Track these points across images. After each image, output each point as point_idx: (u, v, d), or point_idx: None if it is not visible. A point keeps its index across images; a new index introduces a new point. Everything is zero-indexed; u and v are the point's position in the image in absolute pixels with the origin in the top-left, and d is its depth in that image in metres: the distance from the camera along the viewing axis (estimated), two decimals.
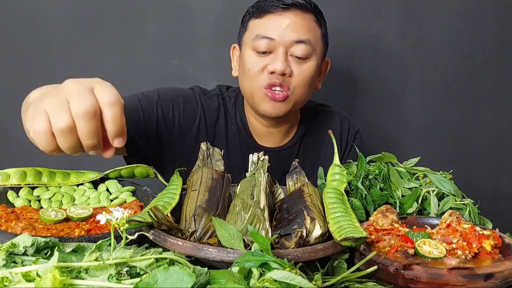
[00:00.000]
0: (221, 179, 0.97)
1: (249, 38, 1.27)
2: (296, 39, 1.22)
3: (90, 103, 0.69)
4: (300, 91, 1.26)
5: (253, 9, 1.30)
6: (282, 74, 1.22)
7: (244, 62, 1.27)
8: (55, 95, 0.69)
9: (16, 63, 1.80)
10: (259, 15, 1.26)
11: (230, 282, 0.64)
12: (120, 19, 1.80)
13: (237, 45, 1.37)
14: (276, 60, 1.22)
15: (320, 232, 0.81)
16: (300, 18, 1.24)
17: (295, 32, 1.22)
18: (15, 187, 1.06)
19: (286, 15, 1.23)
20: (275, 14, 1.23)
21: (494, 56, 1.93)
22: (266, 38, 1.22)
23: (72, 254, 0.74)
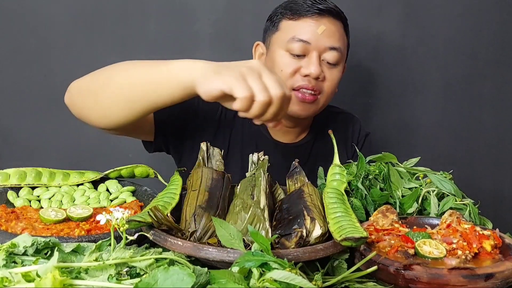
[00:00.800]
0: (221, 179, 0.97)
1: (282, 38, 1.29)
2: (330, 46, 1.27)
3: (282, 92, 0.86)
4: (328, 95, 1.32)
5: (285, 10, 1.31)
6: (316, 78, 1.26)
7: (275, 62, 1.29)
8: (252, 72, 0.86)
9: (16, 63, 1.80)
10: (294, 17, 1.28)
11: (230, 282, 0.64)
12: (120, 19, 1.80)
13: (261, 42, 1.39)
14: (311, 64, 1.25)
15: (320, 232, 0.81)
16: (333, 26, 1.29)
17: (329, 39, 1.27)
18: (15, 187, 1.06)
19: (322, 21, 1.27)
20: (311, 18, 1.27)
21: (495, 56, 1.92)
22: (302, 41, 1.25)
23: (72, 254, 0.74)
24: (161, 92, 0.96)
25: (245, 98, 0.83)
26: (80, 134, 1.85)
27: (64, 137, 1.85)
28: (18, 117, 1.84)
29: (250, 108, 0.85)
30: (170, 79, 0.94)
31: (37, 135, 1.84)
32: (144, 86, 0.98)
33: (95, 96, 1.04)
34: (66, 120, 1.84)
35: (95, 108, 1.05)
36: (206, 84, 0.87)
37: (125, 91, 1.00)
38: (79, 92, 1.09)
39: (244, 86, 0.84)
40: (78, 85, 1.10)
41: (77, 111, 1.11)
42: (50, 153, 1.85)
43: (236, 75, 0.85)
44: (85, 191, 1.09)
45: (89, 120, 1.09)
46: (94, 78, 1.06)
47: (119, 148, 1.86)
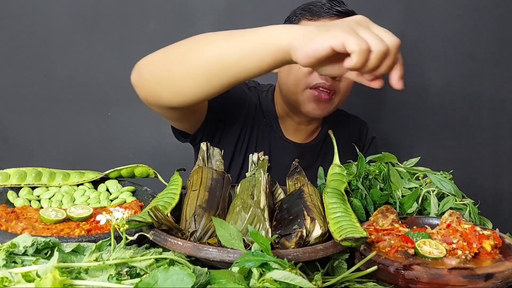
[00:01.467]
0: (221, 179, 0.97)
1: None
2: None
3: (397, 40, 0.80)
4: (343, 95, 1.34)
5: (304, 11, 1.33)
6: (333, 77, 1.28)
7: None
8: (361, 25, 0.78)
9: (16, 63, 1.80)
10: (313, 17, 1.30)
11: (230, 282, 0.64)
12: (120, 19, 1.80)
13: None
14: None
15: (320, 232, 0.81)
16: None
17: None
18: (15, 187, 1.06)
19: None
20: (329, 19, 1.28)
21: (494, 56, 1.93)
22: None
23: (72, 254, 0.74)
24: (247, 62, 0.87)
25: (362, 51, 0.74)
26: (80, 134, 1.85)
27: (64, 137, 1.85)
28: (18, 117, 1.84)
29: (366, 62, 0.76)
30: (260, 46, 0.84)
31: (37, 135, 1.85)
32: (228, 56, 0.88)
33: (171, 72, 0.97)
34: (66, 120, 1.85)
35: (169, 84, 0.98)
36: (311, 44, 0.76)
37: (205, 64, 0.92)
38: (150, 69, 1.02)
39: (358, 37, 0.75)
40: (150, 61, 1.03)
41: (146, 90, 1.05)
42: (50, 153, 1.85)
43: (346, 29, 0.76)
44: (85, 191, 1.09)
45: (160, 98, 1.02)
46: (168, 52, 0.99)
47: (119, 148, 1.86)
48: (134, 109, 1.85)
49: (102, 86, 1.83)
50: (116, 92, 1.84)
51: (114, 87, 1.84)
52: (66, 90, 1.83)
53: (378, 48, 0.76)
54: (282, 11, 1.74)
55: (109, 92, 1.83)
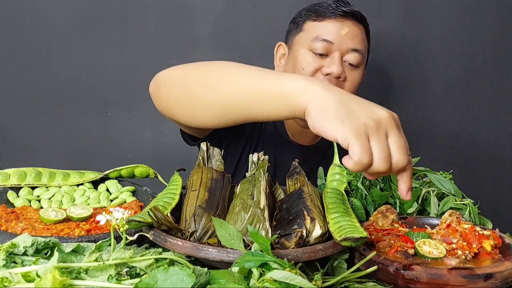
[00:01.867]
0: (221, 179, 0.97)
1: (306, 38, 1.32)
2: (352, 47, 1.30)
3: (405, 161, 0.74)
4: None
5: (309, 12, 1.34)
6: (337, 77, 1.28)
7: (298, 60, 1.32)
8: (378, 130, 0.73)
9: (16, 63, 1.81)
10: (318, 18, 1.32)
11: (230, 282, 0.64)
12: (120, 19, 1.80)
13: (283, 43, 1.42)
14: (333, 63, 1.28)
15: (320, 232, 0.81)
16: (357, 28, 1.32)
17: (352, 41, 1.30)
18: (15, 187, 1.06)
19: (345, 23, 1.30)
20: (335, 20, 1.30)
21: (494, 56, 1.93)
22: (326, 41, 1.28)
23: (72, 254, 0.74)
24: (263, 108, 0.85)
25: (361, 164, 0.70)
26: (80, 134, 1.85)
27: (64, 137, 1.85)
28: (18, 118, 1.84)
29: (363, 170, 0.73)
30: (279, 98, 0.82)
31: (37, 135, 1.85)
32: (248, 96, 0.87)
33: (188, 96, 0.96)
34: (66, 120, 1.85)
35: (184, 107, 0.98)
36: (321, 124, 0.74)
37: (224, 97, 0.90)
38: (169, 86, 1.01)
39: (364, 147, 0.70)
40: (168, 78, 1.02)
41: (161, 104, 1.04)
42: (50, 153, 1.85)
43: (360, 128, 0.72)
44: (85, 191, 1.09)
45: (172, 115, 1.03)
46: (188, 76, 0.98)
47: (119, 148, 1.86)
48: (134, 109, 1.85)
49: (102, 86, 1.84)
50: (116, 92, 1.84)
51: (114, 87, 1.84)
52: (66, 90, 1.83)
53: (378, 166, 0.72)
54: (282, 11, 1.74)
55: (109, 92, 1.83)
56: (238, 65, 0.94)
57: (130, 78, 1.83)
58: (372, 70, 1.89)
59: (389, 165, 0.72)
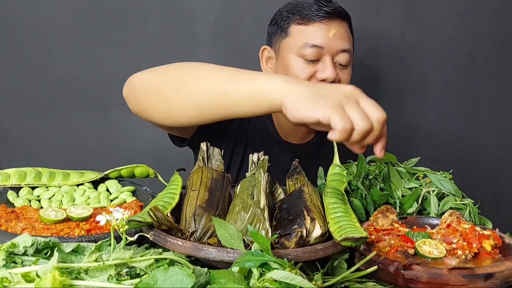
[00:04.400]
0: (221, 179, 0.97)
1: (294, 44, 1.30)
2: (341, 48, 1.29)
3: (383, 116, 0.82)
4: None
5: (292, 15, 1.31)
6: (332, 81, 1.28)
7: (290, 68, 1.30)
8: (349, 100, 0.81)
9: (16, 63, 1.80)
10: (303, 21, 1.29)
11: (230, 282, 0.64)
12: (119, 19, 1.80)
13: (268, 47, 1.39)
14: (326, 68, 1.27)
15: (320, 232, 0.81)
16: (342, 28, 1.31)
17: (340, 41, 1.29)
18: (15, 187, 1.06)
19: (332, 24, 1.28)
20: (320, 22, 1.28)
21: (494, 56, 1.92)
22: (316, 46, 1.27)
23: (72, 254, 0.74)
24: (240, 107, 0.91)
25: (345, 130, 0.78)
26: (80, 134, 1.85)
27: (64, 137, 1.85)
28: (18, 118, 1.84)
29: (349, 138, 0.80)
30: (255, 96, 0.88)
31: (36, 135, 1.85)
32: (223, 97, 0.92)
33: (165, 98, 0.99)
34: (66, 120, 1.85)
35: (161, 108, 1.01)
36: (300, 111, 0.81)
37: (199, 100, 0.95)
38: (144, 89, 1.04)
39: (343, 116, 0.78)
40: (144, 81, 1.04)
41: (137, 107, 1.07)
42: (50, 153, 1.85)
43: (334, 104, 0.80)
44: (85, 191, 1.09)
45: (149, 117, 1.06)
46: (165, 78, 1.01)
47: (119, 148, 1.86)
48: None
49: (102, 86, 1.83)
50: (116, 92, 1.83)
51: (114, 87, 1.83)
52: (66, 90, 1.83)
53: (361, 127, 0.79)
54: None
55: (109, 92, 1.83)
56: (214, 67, 0.99)
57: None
58: (372, 70, 1.89)
59: (370, 123, 0.80)
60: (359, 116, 0.79)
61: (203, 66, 1.01)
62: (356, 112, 0.80)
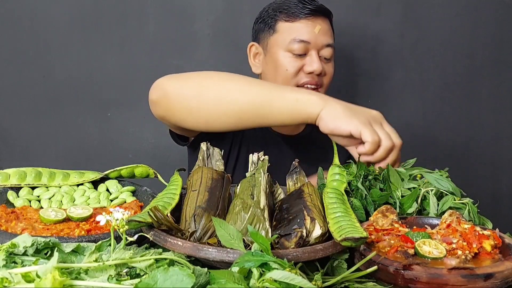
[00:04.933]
0: (221, 179, 0.97)
1: (282, 40, 1.38)
2: (326, 43, 1.39)
3: (401, 141, 1.03)
4: (327, 87, 1.43)
5: (278, 12, 1.39)
6: (318, 74, 1.37)
7: (279, 62, 1.38)
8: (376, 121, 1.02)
9: (16, 63, 1.80)
10: (290, 18, 1.38)
11: (230, 282, 0.64)
12: (119, 20, 1.80)
13: (256, 43, 1.46)
14: (313, 62, 1.36)
15: (320, 232, 0.81)
16: (325, 24, 1.40)
17: (325, 36, 1.39)
18: (15, 187, 1.06)
19: (316, 21, 1.38)
20: (306, 19, 1.37)
21: (493, 56, 1.93)
22: (303, 41, 1.36)
23: (72, 254, 0.74)
24: (281, 115, 1.03)
25: (374, 142, 0.96)
26: (80, 134, 1.85)
27: (64, 137, 1.85)
28: (18, 118, 1.84)
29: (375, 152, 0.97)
30: (296, 106, 1.01)
31: (36, 135, 1.85)
32: (267, 106, 1.02)
33: (205, 106, 1.05)
34: (66, 120, 1.85)
35: (200, 116, 1.07)
36: (335, 122, 0.98)
37: (240, 111, 1.03)
38: (181, 97, 1.09)
39: (373, 131, 0.96)
40: (180, 88, 1.09)
41: (169, 112, 1.12)
42: (50, 153, 1.85)
43: (365, 121, 0.97)
44: (85, 191, 1.09)
45: (182, 123, 1.12)
46: (204, 87, 1.06)
47: (119, 148, 1.86)
48: (134, 109, 1.85)
49: (102, 87, 1.83)
50: (116, 92, 1.84)
51: (113, 88, 1.84)
52: (66, 91, 1.83)
53: (386, 144, 0.98)
54: None
55: (108, 92, 1.83)
56: (253, 79, 1.09)
57: (130, 78, 1.83)
58: (372, 70, 1.89)
59: (392, 142, 0.98)
60: (384, 135, 0.98)
61: (243, 77, 1.09)
62: (382, 132, 0.98)
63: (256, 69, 1.48)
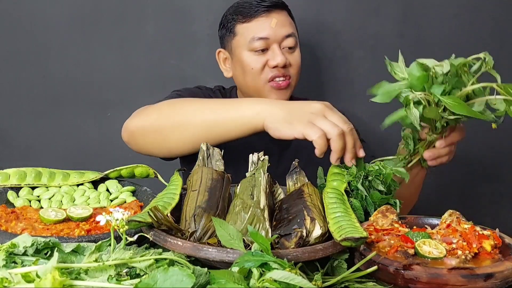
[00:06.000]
0: (221, 179, 0.97)
1: (243, 41, 1.41)
2: (285, 34, 1.41)
3: (350, 125, 1.01)
4: (296, 77, 1.46)
5: (235, 15, 1.43)
6: (283, 66, 1.39)
7: (244, 63, 1.42)
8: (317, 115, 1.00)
9: (15, 63, 1.80)
10: (246, 19, 1.41)
11: (230, 282, 0.64)
12: (118, 20, 1.80)
13: (222, 49, 1.51)
14: (275, 55, 1.39)
15: (320, 232, 0.81)
16: (282, 16, 1.42)
17: (283, 28, 1.41)
18: (15, 187, 1.06)
19: (271, 15, 1.40)
20: (261, 16, 1.40)
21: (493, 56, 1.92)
22: (261, 38, 1.39)
23: (72, 254, 0.74)
24: (230, 132, 1.10)
25: (320, 137, 0.95)
26: (80, 134, 1.85)
27: (64, 137, 1.85)
28: (18, 118, 1.84)
29: (326, 146, 0.96)
30: (241, 121, 1.08)
31: (37, 135, 1.84)
32: (215, 128, 1.10)
33: (163, 137, 1.16)
34: (66, 120, 1.85)
35: (161, 147, 1.18)
36: (279, 131, 1.02)
37: (194, 133, 1.11)
38: (142, 134, 1.19)
39: (315, 129, 0.96)
40: (140, 126, 1.20)
41: (138, 148, 1.24)
42: (49, 153, 1.85)
43: (305, 121, 0.98)
44: (85, 191, 1.09)
45: (151, 154, 1.23)
46: (159, 121, 1.16)
47: (119, 148, 1.86)
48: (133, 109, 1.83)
49: (101, 87, 1.83)
50: (116, 93, 1.84)
51: (113, 88, 1.83)
52: (66, 91, 1.83)
53: (333, 132, 0.96)
54: None
55: (108, 92, 1.83)
56: (201, 102, 1.17)
57: (129, 78, 1.83)
58: (371, 70, 1.89)
59: (340, 129, 0.97)
60: (329, 126, 0.96)
61: (192, 101, 1.19)
62: (326, 123, 0.97)
63: (227, 73, 1.52)
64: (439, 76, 1.02)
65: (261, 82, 1.41)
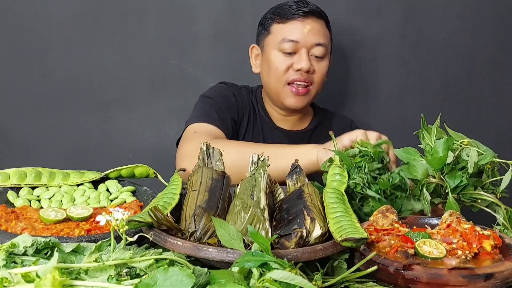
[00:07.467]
0: (221, 179, 0.97)
1: (274, 40, 1.49)
2: (316, 42, 1.47)
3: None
4: (318, 85, 1.52)
5: (274, 15, 1.50)
6: (307, 71, 1.45)
7: (271, 62, 1.49)
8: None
9: (16, 63, 1.80)
10: (282, 20, 1.48)
11: (230, 282, 0.64)
12: (120, 20, 1.80)
13: (256, 45, 1.58)
14: (301, 59, 1.45)
15: (320, 232, 0.81)
16: (317, 24, 1.48)
17: (315, 36, 1.47)
18: (15, 187, 1.06)
19: (307, 22, 1.47)
20: (297, 20, 1.46)
21: (494, 57, 1.92)
22: (292, 41, 1.46)
23: (72, 254, 0.74)
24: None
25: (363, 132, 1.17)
26: (80, 134, 1.85)
27: (64, 137, 1.85)
28: (18, 118, 1.84)
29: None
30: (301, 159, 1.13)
31: (37, 135, 1.84)
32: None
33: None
34: (66, 120, 1.85)
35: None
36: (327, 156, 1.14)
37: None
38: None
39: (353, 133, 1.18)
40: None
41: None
42: (50, 153, 1.85)
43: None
44: (85, 191, 1.09)
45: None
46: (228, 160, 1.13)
47: (119, 148, 1.86)
48: (134, 109, 1.84)
49: (102, 86, 1.83)
50: (116, 92, 1.84)
51: (114, 87, 1.83)
52: (66, 90, 1.83)
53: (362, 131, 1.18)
54: None
55: (109, 92, 1.83)
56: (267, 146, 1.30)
57: (130, 78, 1.83)
58: (372, 70, 1.89)
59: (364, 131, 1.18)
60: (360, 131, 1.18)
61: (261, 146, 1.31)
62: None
63: (256, 69, 1.59)
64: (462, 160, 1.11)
65: (282, 84, 1.47)
